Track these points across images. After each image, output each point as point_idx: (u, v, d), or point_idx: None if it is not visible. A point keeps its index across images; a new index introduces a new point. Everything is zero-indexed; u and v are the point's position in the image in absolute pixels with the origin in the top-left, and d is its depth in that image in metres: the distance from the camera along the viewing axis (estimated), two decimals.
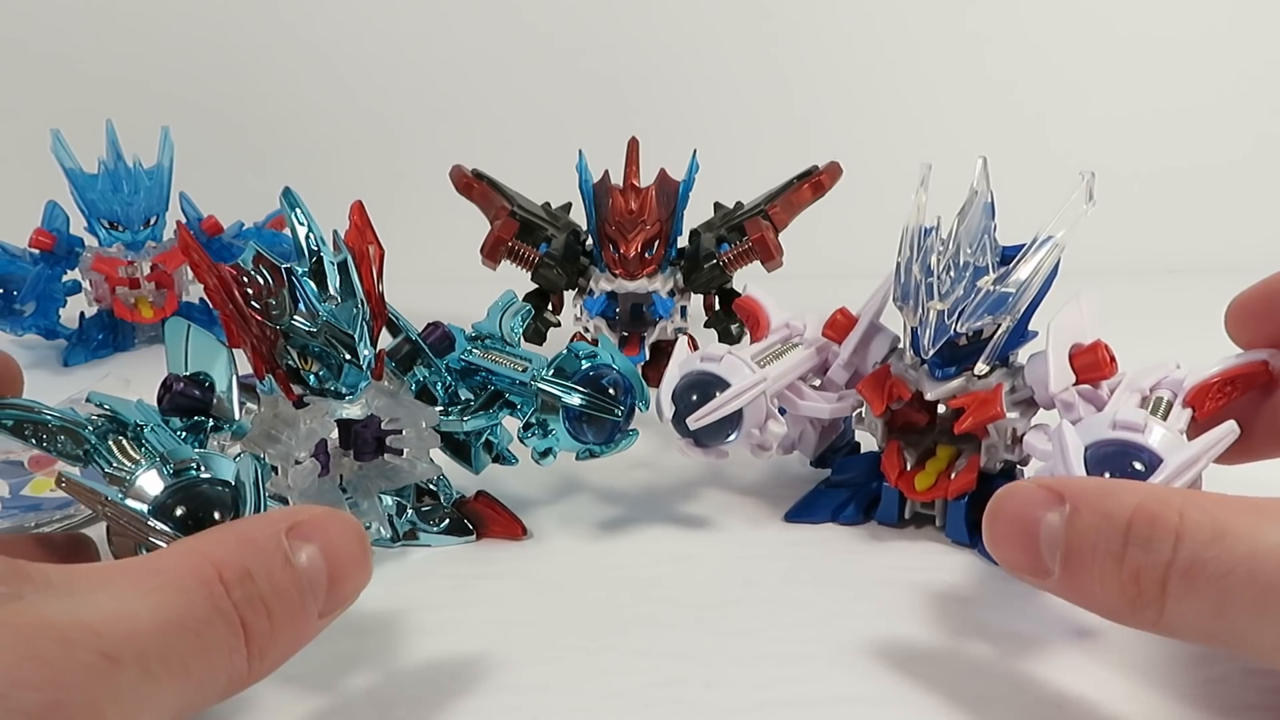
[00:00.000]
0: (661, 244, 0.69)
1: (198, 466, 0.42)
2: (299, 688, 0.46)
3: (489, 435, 0.56)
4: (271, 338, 0.48)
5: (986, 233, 0.51)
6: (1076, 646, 0.47)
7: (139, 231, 0.82)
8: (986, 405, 0.51)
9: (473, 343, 0.55)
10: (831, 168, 0.77)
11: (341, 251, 0.48)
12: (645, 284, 0.70)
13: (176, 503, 0.41)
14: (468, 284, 0.73)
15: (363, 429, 0.52)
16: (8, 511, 0.58)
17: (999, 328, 0.50)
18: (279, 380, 0.49)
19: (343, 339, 0.47)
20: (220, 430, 0.49)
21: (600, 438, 0.54)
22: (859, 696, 0.44)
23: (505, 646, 0.48)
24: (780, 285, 0.74)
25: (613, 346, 0.55)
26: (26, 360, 0.82)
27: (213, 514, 0.41)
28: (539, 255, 0.73)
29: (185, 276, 0.85)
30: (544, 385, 0.52)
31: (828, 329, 0.57)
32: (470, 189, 0.77)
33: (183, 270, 0.85)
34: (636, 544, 0.56)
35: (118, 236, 0.81)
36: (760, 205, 0.74)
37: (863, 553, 0.55)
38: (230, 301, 0.48)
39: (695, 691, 0.45)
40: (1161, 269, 1.01)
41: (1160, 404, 0.49)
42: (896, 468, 0.54)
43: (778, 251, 0.73)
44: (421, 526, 0.55)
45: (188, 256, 0.49)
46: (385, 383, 0.52)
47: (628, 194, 0.69)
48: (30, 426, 0.47)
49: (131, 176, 0.81)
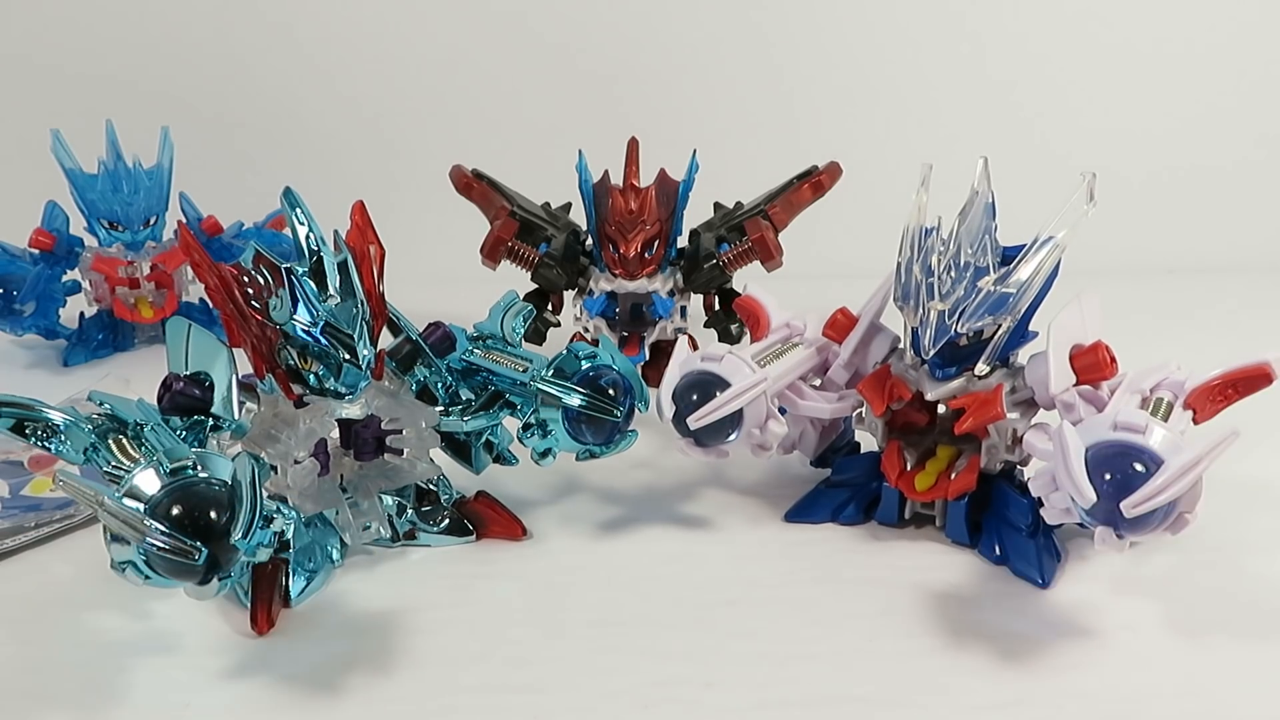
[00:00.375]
0: (661, 244, 0.69)
1: (195, 466, 0.42)
2: (298, 688, 0.46)
3: (489, 435, 0.56)
4: (271, 337, 0.48)
5: (987, 233, 0.51)
6: (1077, 647, 0.47)
7: (139, 231, 0.82)
8: (987, 406, 0.51)
9: (474, 343, 0.55)
10: (831, 168, 0.76)
11: (342, 251, 0.48)
12: (645, 284, 0.70)
13: (173, 502, 0.40)
14: (469, 284, 0.73)
15: (363, 429, 0.52)
16: (8, 511, 0.58)
17: (999, 328, 0.50)
18: (279, 380, 0.49)
19: (342, 339, 0.47)
20: (220, 430, 0.49)
21: (600, 438, 0.54)
22: (859, 696, 0.44)
23: (505, 646, 0.48)
24: (780, 285, 0.74)
25: (613, 347, 0.55)
26: (26, 360, 0.83)
27: (209, 513, 0.41)
28: (539, 255, 0.73)
29: (185, 276, 0.85)
30: (543, 386, 0.52)
31: (828, 329, 0.57)
32: (470, 189, 0.77)
33: (183, 270, 0.85)
34: (636, 544, 0.56)
35: (118, 236, 0.81)
36: (760, 205, 0.74)
37: (863, 553, 0.55)
38: (231, 301, 0.48)
39: (695, 691, 0.45)
40: (1161, 269, 1.01)
41: (1161, 405, 0.49)
42: (896, 468, 0.54)
43: (778, 251, 0.73)
44: (421, 526, 0.55)
45: (189, 256, 0.49)
46: (386, 382, 0.52)
47: (627, 194, 0.69)
48: (30, 425, 0.47)
49: (131, 177, 0.81)
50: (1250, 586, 0.51)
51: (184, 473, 0.41)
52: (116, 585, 0.42)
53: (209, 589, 0.41)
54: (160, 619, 0.50)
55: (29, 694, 0.45)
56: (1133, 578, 0.52)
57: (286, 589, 0.51)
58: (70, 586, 0.52)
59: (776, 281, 0.74)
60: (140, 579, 0.41)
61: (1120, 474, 0.43)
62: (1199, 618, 0.49)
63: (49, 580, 0.53)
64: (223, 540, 0.40)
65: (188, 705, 0.45)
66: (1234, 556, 0.53)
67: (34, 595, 0.52)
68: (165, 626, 0.49)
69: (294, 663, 0.47)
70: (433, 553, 0.55)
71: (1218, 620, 0.48)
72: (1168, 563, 0.53)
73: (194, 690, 0.46)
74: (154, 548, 0.40)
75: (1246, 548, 0.54)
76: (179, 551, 0.40)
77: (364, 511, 0.52)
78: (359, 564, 0.54)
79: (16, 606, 0.51)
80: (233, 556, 0.41)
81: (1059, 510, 0.46)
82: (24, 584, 0.53)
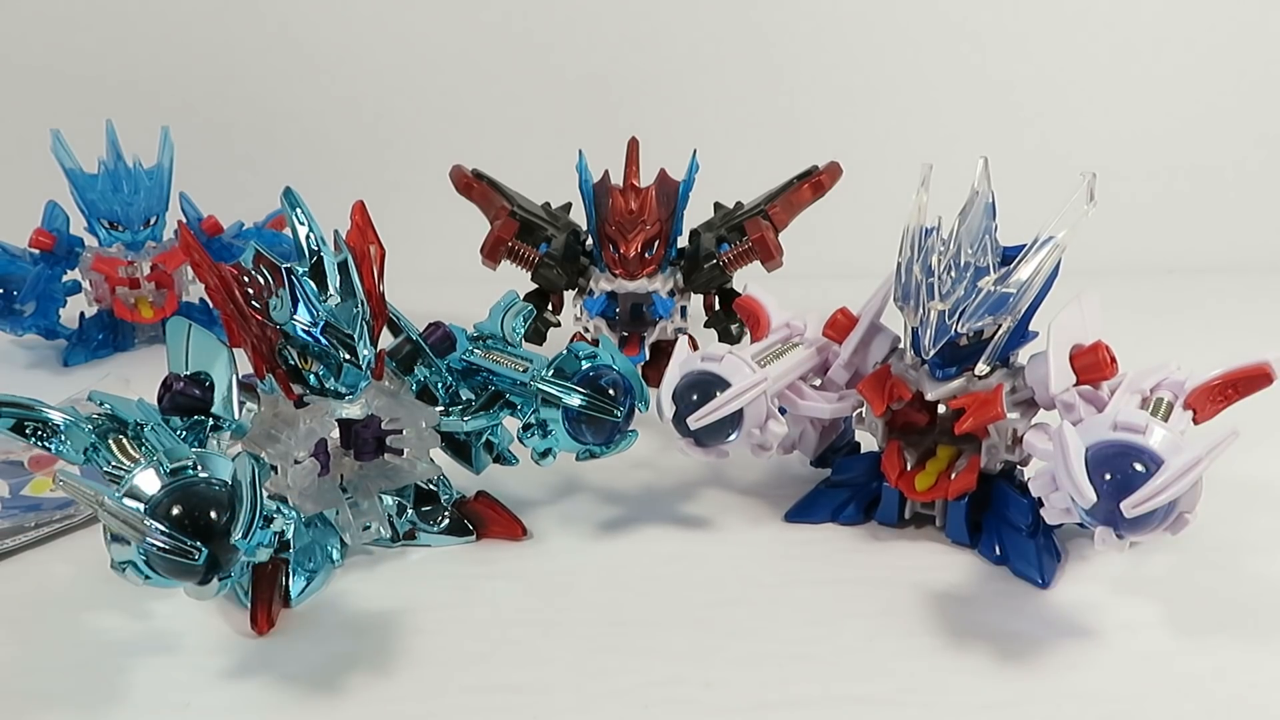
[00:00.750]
0: (661, 244, 0.69)
1: (195, 466, 0.42)
2: (298, 687, 0.46)
3: (489, 435, 0.56)
4: (272, 337, 0.48)
5: (987, 233, 0.51)
6: (1077, 647, 0.47)
7: (139, 231, 0.82)
8: (987, 406, 0.51)
9: (474, 342, 0.55)
10: (831, 168, 0.76)
11: (342, 251, 0.48)
12: (645, 284, 0.70)
13: (173, 502, 0.40)
14: (469, 284, 0.73)
15: (363, 429, 0.52)
16: (8, 511, 0.58)
17: (1000, 328, 0.50)
18: (279, 380, 0.49)
19: (342, 339, 0.47)
20: (220, 430, 0.49)
21: (600, 438, 0.54)
22: (859, 696, 0.44)
23: (505, 646, 0.48)
24: (780, 285, 0.74)
25: (613, 347, 0.55)
26: (26, 360, 0.83)
27: (209, 513, 0.41)
28: (539, 255, 0.73)
29: (185, 276, 0.85)
30: (543, 386, 0.52)
31: (828, 329, 0.57)
32: (470, 189, 0.77)
33: (183, 270, 0.84)
34: (636, 544, 0.56)
35: (118, 236, 0.81)
36: (760, 205, 0.74)
37: (863, 553, 0.55)
38: (231, 301, 0.48)
39: (695, 691, 0.45)
40: (1161, 269, 1.01)
41: (1161, 405, 0.49)
42: (897, 468, 0.54)
43: (778, 251, 0.73)
44: (421, 526, 0.55)
45: (189, 256, 0.49)
46: (386, 383, 0.52)
47: (628, 194, 0.69)
48: (31, 425, 0.47)
49: (132, 176, 0.80)
50: (1250, 586, 0.51)
51: (184, 473, 0.41)
52: (117, 585, 0.42)
53: (209, 589, 0.41)
54: (160, 619, 0.50)
55: (29, 694, 0.45)
56: (1133, 578, 0.52)
57: (286, 589, 0.51)
58: (70, 586, 0.52)
59: (776, 281, 0.74)
60: (140, 579, 0.41)
61: (1120, 474, 0.43)
62: (1199, 618, 0.49)
63: (49, 580, 0.53)
64: (223, 540, 0.40)
65: (188, 705, 0.45)
66: (1234, 556, 0.53)
67: (34, 595, 0.52)
68: (165, 626, 0.49)
69: (294, 662, 0.47)
70: (433, 553, 0.55)
71: (1218, 620, 0.48)
72: (1168, 563, 0.53)
73: (194, 690, 0.46)
74: (154, 548, 0.40)
75: (1246, 548, 0.54)
76: (179, 551, 0.40)
77: (364, 511, 0.52)
78: (359, 564, 0.54)
79: (16, 606, 0.51)
80: (233, 556, 0.41)
81: (1059, 510, 0.46)
82: (24, 584, 0.53)
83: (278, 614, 0.50)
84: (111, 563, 0.41)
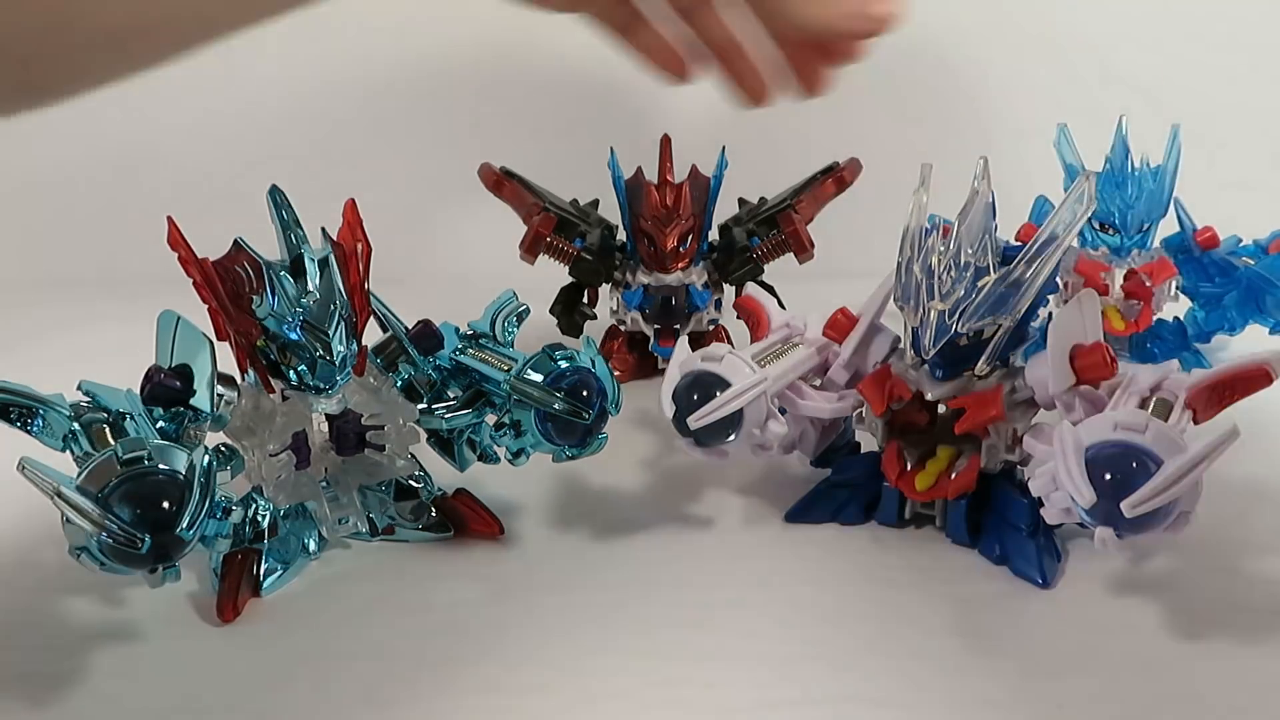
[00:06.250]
0: (695, 237, 0.71)
1: (149, 457, 0.43)
2: (295, 687, 0.46)
3: (470, 434, 0.56)
4: (254, 333, 0.49)
5: (988, 233, 0.51)
6: (1077, 647, 0.47)
7: (1131, 236, 0.75)
8: (986, 406, 0.51)
9: (465, 341, 0.55)
10: (852, 164, 0.78)
11: (324, 248, 0.48)
12: (681, 276, 0.72)
13: (124, 493, 0.42)
14: (470, 284, 0.73)
15: (344, 424, 0.52)
16: None
17: (999, 328, 0.50)
18: (260, 374, 0.50)
19: (318, 335, 0.48)
20: (199, 421, 0.50)
21: (570, 439, 0.53)
22: (859, 696, 0.44)
23: (503, 647, 0.48)
24: (781, 285, 0.74)
25: (594, 349, 0.55)
26: None
27: (160, 504, 0.42)
28: (577, 250, 0.74)
29: (1165, 292, 0.76)
30: (515, 384, 0.52)
31: (828, 329, 0.57)
32: (501, 187, 0.78)
33: (1165, 287, 0.75)
34: (636, 544, 0.56)
35: (1105, 240, 0.75)
36: (786, 200, 0.76)
37: (863, 553, 0.55)
38: (216, 296, 0.48)
39: (695, 691, 0.45)
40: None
41: (1161, 405, 0.49)
42: (897, 468, 0.54)
43: (810, 244, 0.74)
44: (400, 522, 0.55)
45: (173, 248, 0.49)
46: (370, 379, 0.52)
47: (663, 189, 0.71)
48: (15, 410, 0.48)
49: (1135, 178, 0.74)
50: (1250, 587, 0.51)
51: (138, 464, 0.42)
52: (83, 572, 0.43)
53: (156, 578, 0.43)
54: (129, 607, 0.50)
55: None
56: (1133, 578, 0.52)
57: (258, 578, 0.51)
58: (46, 570, 0.53)
59: (777, 281, 0.74)
60: (95, 565, 0.42)
61: (1120, 474, 0.43)
62: (1199, 618, 0.49)
63: (18, 564, 0.54)
64: (168, 531, 0.42)
65: (151, 694, 0.45)
66: (1234, 556, 0.53)
67: (8, 576, 0.53)
68: (132, 613, 0.50)
69: (292, 662, 0.47)
70: (428, 552, 0.55)
71: (1218, 620, 0.48)
72: (1168, 563, 0.53)
73: (160, 678, 0.46)
74: (103, 536, 0.41)
75: (1246, 548, 0.54)
76: (126, 540, 0.41)
77: (342, 505, 0.53)
78: (338, 558, 0.54)
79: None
80: (180, 547, 0.42)
81: (1059, 510, 0.46)
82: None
83: (244, 603, 0.50)
84: (69, 549, 0.42)
